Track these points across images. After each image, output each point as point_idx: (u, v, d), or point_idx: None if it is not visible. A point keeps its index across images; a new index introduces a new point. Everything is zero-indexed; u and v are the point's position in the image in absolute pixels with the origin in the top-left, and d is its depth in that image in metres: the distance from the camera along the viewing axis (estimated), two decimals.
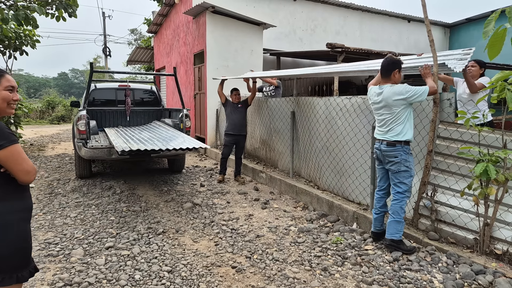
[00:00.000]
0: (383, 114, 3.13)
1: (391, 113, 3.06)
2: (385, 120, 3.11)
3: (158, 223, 3.92)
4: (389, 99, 3.03)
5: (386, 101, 3.05)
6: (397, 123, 3.05)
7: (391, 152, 3.07)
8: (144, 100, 7.42)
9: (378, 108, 3.17)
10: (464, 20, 13.29)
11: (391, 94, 3.03)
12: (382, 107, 3.11)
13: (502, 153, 2.67)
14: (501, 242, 2.85)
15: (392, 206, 3.12)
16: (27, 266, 1.67)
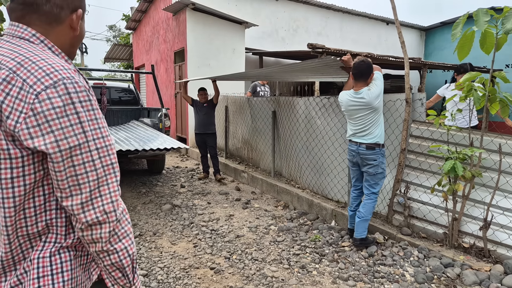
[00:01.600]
0: (362, 118, 3.06)
1: (371, 117, 3.03)
2: (364, 123, 3.06)
3: (134, 226, 3.88)
4: (373, 103, 2.99)
5: (369, 105, 2.99)
6: (376, 126, 3.07)
7: (371, 155, 3.07)
8: (121, 99, 7.29)
9: (355, 112, 3.10)
10: (438, 24, 13.75)
11: (373, 97, 2.98)
12: (361, 109, 3.04)
13: (469, 151, 2.81)
14: (468, 235, 2.99)
15: (365, 206, 3.16)
16: None
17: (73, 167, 0.79)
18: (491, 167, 2.91)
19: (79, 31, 0.94)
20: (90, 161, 0.82)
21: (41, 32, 0.87)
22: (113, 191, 0.85)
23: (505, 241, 2.76)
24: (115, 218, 0.85)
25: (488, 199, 2.87)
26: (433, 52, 14.16)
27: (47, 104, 0.76)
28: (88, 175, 0.81)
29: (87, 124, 0.81)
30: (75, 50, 1.00)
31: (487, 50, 2.75)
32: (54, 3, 0.86)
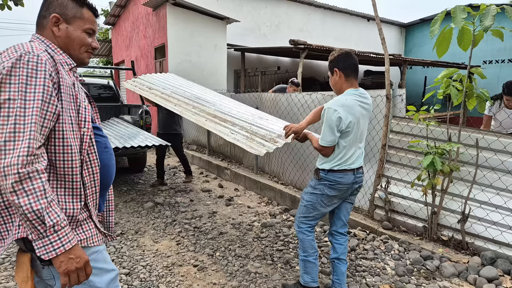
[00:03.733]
0: (363, 131, 2.23)
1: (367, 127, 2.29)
2: (363, 139, 2.26)
3: (116, 225, 3.78)
4: (371, 107, 2.27)
5: (371, 110, 2.26)
6: None
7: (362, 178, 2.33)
8: (101, 95, 7.08)
9: (364, 122, 2.20)
10: (418, 21, 14.05)
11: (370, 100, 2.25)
12: (367, 119, 2.23)
13: (447, 145, 2.86)
14: (447, 229, 3.06)
15: (346, 248, 2.39)
16: None
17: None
18: (468, 162, 2.98)
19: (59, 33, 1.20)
20: (12, 116, 0.96)
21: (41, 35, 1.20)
22: (22, 148, 0.95)
23: (483, 233, 2.84)
24: (16, 172, 0.94)
25: (465, 192, 2.95)
26: (413, 49, 14.46)
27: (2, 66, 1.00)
28: (7, 127, 0.96)
29: (26, 86, 0.99)
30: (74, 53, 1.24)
31: (465, 47, 2.80)
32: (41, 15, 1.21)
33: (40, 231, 0.98)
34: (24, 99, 0.98)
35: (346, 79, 2.15)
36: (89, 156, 1.19)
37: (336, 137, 2.08)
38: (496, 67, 11.79)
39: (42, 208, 0.97)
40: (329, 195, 2.20)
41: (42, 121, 1.01)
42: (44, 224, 0.98)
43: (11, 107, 0.97)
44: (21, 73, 0.99)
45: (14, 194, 0.95)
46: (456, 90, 2.83)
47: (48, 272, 1.10)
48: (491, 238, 2.79)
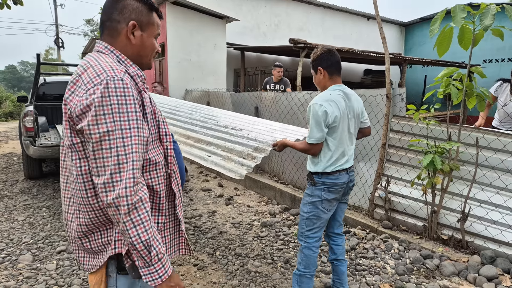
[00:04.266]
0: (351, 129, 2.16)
1: (357, 126, 2.23)
2: (353, 138, 2.21)
3: None
4: (361, 104, 2.23)
5: (359, 108, 2.20)
6: None
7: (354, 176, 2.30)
8: None
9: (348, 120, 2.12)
10: (418, 20, 14.04)
11: (360, 99, 2.23)
12: (353, 118, 2.15)
13: (447, 145, 2.86)
14: (447, 228, 3.06)
15: (344, 247, 2.37)
16: None
17: (101, 150, 0.95)
18: (468, 161, 2.98)
19: (135, 41, 1.13)
20: (114, 148, 0.95)
21: (110, 44, 1.12)
22: (129, 178, 0.95)
23: (482, 232, 2.84)
24: (125, 204, 0.95)
25: (465, 192, 2.94)
26: (412, 48, 14.45)
27: (90, 96, 0.95)
28: (111, 159, 0.95)
29: (120, 115, 0.96)
30: (145, 60, 1.18)
31: (465, 46, 2.80)
32: (114, 19, 1.11)
33: (146, 260, 1.00)
34: (121, 129, 0.96)
35: (330, 77, 2.13)
36: (173, 168, 1.19)
37: (324, 133, 2.02)
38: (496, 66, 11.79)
39: (149, 238, 0.99)
40: (328, 199, 2.12)
41: (141, 148, 1.01)
42: (150, 254, 1.00)
43: (111, 139, 0.95)
44: (112, 102, 0.95)
45: (124, 225, 0.96)
46: (456, 89, 2.82)
47: (113, 282, 1.12)
48: (491, 237, 2.79)
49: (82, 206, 1.06)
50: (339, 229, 2.36)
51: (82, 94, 0.96)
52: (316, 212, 2.14)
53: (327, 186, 2.10)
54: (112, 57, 1.09)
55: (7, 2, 6.89)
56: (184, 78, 8.52)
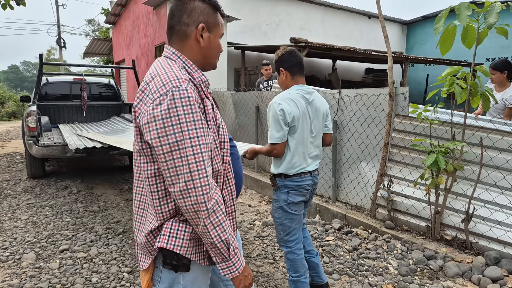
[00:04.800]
0: (313, 130, 2.13)
1: (321, 129, 2.20)
2: (317, 140, 2.17)
3: (117, 223, 3.77)
4: (325, 106, 2.23)
5: (323, 109, 2.18)
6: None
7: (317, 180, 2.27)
8: (102, 94, 7.07)
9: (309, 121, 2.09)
10: (420, 18, 13.97)
11: (324, 101, 2.23)
12: (316, 118, 2.12)
13: (451, 144, 2.83)
14: (451, 228, 3.04)
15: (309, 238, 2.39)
16: None
17: (172, 160, 0.98)
18: (472, 161, 2.96)
19: (204, 43, 1.13)
20: (185, 157, 0.97)
21: (178, 49, 1.12)
22: (204, 185, 0.99)
23: (487, 233, 2.81)
24: (205, 209, 0.99)
25: (470, 192, 2.92)
26: (414, 46, 14.39)
27: (157, 107, 0.97)
28: (183, 168, 0.97)
29: (187, 124, 0.97)
30: (211, 61, 1.18)
31: (469, 45, 2.77)
32: (183, 23, 1.11)
33: (225, 256, 1.07)
34: (189, 138, 0.98)
35: (292, 77, 2.12)
36: (227, 176, 1.19)
37: (285, 131, 1.99)
38: None
39: (227, 237, 1.05)
40: (295, 202, 2.09)
41: (209, 154, 1.04)
42: (228, 250, 1.07)
43: (181, 148, 0.97)
44: (179, 113, 0.97)
45: (205, 228, 1.02)
46: (460, 88, 2.80)
47: (158, 273, 1.16)
48: (495, 237, 2.77)
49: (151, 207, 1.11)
50: (304, 228, 2.38)
51: (149, 104, 0.99)
52: (287, 216, 2.12)
53: (291, 189, 2.08)
54: (178, 64, 1.10)
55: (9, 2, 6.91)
56: None
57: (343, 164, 4.00)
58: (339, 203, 4.05)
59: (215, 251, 1.06)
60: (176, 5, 1.13)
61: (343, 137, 3.98)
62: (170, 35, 1.14)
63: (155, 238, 1.11)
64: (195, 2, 1.11)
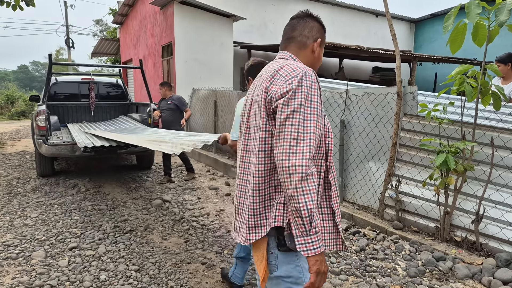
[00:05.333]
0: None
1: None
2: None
3: (125, 222, 3.79)
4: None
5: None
6: None
7: None
8: (109, 94, 7.13)
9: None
10: (428, 16, 13.81)
11: None
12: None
13: (461, 144, 2.79)
14: (460, 229, 3.00)
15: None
16: None
17: (285, 125, 1.12)
18: (483, 161, 2.91)
19: (315, 54, 1.38)
20: (296, 125, 1.11)
21: (294, 54, 1.36)
22: (305, 153, 1.10)
23: (497, 234, 2.77)
24: (301, 172, 1.08)
25: (480, 192, 2.88)
26: (423, 45, 14.23)
27: (290, 84, 1.16)
28: (291, 133, 1.11)
29: (306, 101, 1.14)
30: (315, 69, 1.37)
31: (480, 43, 2.73)
32: (304, 35, 1.36)
33: (305, 229, 1.10)
34: (305, 111, 1.13)
35: None
36: (331, 161, 1.32)
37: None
38: None
39: (313, 208, 1.09)
40: None
41: (318, 132, 1.15)
42: (310, 223, 1.10)
43: (295, 117, 1.12)
44: (303, 90, 1.14)
45: (295, 191, 1.09)
46: (471, 87, 2.76)
47: (274, 258, 1.22)
48: (506, 239, 2.72)
49: (258, 178, 1.21)
50: None
51: (282, 84, 1.17)
52: None
53: None
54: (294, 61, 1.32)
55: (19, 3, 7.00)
56: (191, 77, 8.54)
57: (350, 163, 3.97)
58: (346, 203, 4.02)
59: (298, 221, 1.11)
60: (297, 21, 1.39)
61: (350, 137, 3.95)
62: (288, 43, 1.38)
63: (260, 215, 1.22)
64: (314, 21, 1.39)
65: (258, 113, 1.25)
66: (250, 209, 1.23)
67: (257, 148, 1.23)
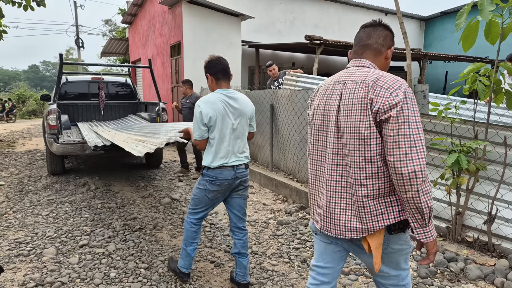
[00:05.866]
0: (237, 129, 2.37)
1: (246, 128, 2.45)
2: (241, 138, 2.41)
3: (134, 220, 3.83)
4: (250, 108, 2.45)
5: (247, 111, 2.42)
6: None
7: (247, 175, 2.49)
8: (119, 93, 7.20)
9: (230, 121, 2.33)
10: (439, 14, 13.63)
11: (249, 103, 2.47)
12: (238, 118, 2.36)
13: (474, 143, 2.75)
14: (472, 230, 2.95)
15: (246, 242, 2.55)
16: None
17: (397, 136, 1.25)
18: (496, 160, 2.86)
19: (388, 61, 1.52)
20: (408, 135, 1.24)
21: (372, 61, 1.48)
22: (420, 158, 1.23)
23: (510, 235, 2.72)
24: (421, 176, 1.23)
25: (493, 192, 2.83)
26: (433, 43, 14.05)
27: (396, 97, 1.28)
28: (405, 143, 1.24)
29: (412, 111, 1.27)
30: None
31: (492, 41, 2.67)
32: (379, 43, 1.48)
33: (425, 223, 1.28)
34: (415, 121, 1.26)
35: (216, 82, 2.39)
36: None
37: (202, 131, 2.28)
38: None
39: (431, 206, 1.27)
40: (210, 190, 2.38)
41: (423, 136, 1.28)
42: (430, 218, 1.28)
43: (406, 127, 1.25)
44: (408, 102, 1.28)
45: (417, 193, 1.24)
46: (483, 86, 2.71)
47: (386, 240, 1.41)
48: None
49: (369, 180, 1.34)
50: (241, 223, 2.55)
51: (387, 96, 1.29)
52: (199, 197, 2.46)
53: (211, 179, 2.36)
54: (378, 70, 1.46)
55: (30, 4, 7.11)
56: (199, 77, 8.55)
57: None
58: None
59: (417, 217, 1.28)
60: (372, 29, 1.50)
61: None
62: (364, 50, 1.50)
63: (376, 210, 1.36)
64: (386, 30, 1.51)
65: (353, 119, 1.36)
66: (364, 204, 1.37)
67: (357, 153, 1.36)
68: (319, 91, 1.55)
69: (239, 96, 2.40)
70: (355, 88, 1.36)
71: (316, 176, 1.56)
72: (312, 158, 1.58)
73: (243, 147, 2.43)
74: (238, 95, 2.40)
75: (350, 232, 1.40)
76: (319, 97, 1.53)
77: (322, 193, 1.51)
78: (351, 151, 1.37)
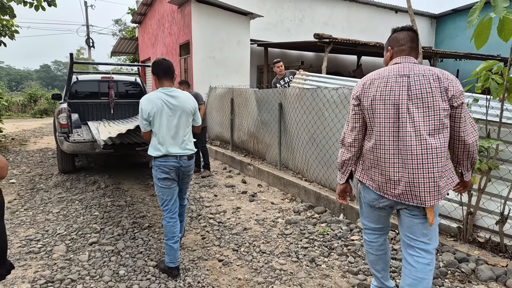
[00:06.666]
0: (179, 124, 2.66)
1: (188, 122, 2.73)
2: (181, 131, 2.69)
3: (143, 218, 3.86)
4: (191, 105, 2.73)
5: (189, 107, 2.70)
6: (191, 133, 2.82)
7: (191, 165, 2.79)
8: (128, 92, 7.26)
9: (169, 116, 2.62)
10: (450, 11, 13.41)
11: (191, 100, 2.75)
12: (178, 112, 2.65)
13: (486, 142, 2.70)
14: (484, 230, 2.90)
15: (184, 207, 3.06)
16: (3, 264, 1.60)
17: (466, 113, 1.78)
18: (508, 160, 2.80)
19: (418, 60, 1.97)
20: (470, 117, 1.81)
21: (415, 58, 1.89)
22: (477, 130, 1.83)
23: None
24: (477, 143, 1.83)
25: (505, 192, 2.77)
26: (444, 41, 13.83)
27: (460, 86, 1.75)
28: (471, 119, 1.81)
29: None
30: None
31: (506, 38, 2.61)
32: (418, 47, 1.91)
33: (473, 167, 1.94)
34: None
35: (158, 81, 2.70)
36: None
37: (144, 125, 2.62)
38: None
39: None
40: (160, 178, 2.65)
41: None
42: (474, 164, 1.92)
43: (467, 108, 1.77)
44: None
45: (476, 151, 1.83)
46: (496, 84, 2.65)
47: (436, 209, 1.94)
48: None
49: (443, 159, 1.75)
50: (182, 201, 3.01)
51: (458, 85, 1.73)
52: (158, 189, 2.71)
53: (158, 167, 2.64)
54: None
55: (42, 4, 7.21)
56: (208, 75, 8.60)
57: None
58: None
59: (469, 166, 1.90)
60: (414, 34, 1.92)
61: None
62: (411, 50, 1.89)
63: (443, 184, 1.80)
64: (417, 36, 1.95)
65: (432, 104, 1.72)
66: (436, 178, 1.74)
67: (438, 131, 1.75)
68: (374, 83, 1.83)
69: (179, 94, 2.68)
70: (424, 79, 1.73)
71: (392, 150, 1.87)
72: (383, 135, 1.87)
73: (186, 140, 2.71)
74: (178, 93, 2.68)
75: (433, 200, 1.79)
76: (378, 89, 1.82)
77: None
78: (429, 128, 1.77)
